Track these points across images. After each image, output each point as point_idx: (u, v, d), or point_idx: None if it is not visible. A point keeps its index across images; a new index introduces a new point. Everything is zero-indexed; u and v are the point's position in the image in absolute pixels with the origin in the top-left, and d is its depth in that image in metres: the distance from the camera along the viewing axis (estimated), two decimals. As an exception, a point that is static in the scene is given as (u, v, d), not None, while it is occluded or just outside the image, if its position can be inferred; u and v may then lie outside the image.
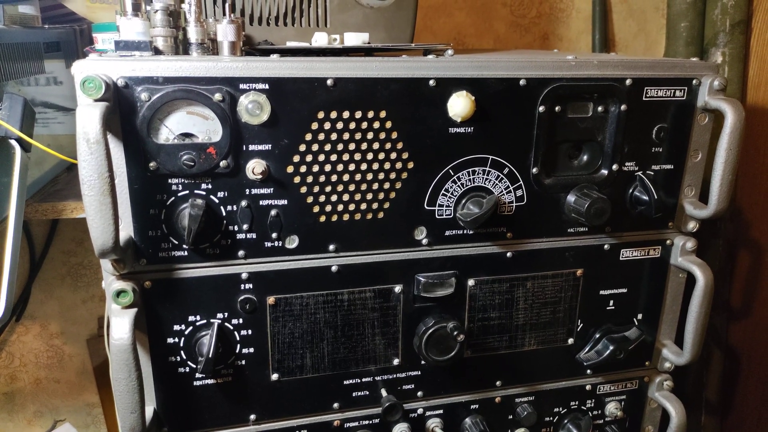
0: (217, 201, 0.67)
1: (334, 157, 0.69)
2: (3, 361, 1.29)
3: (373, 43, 0.79)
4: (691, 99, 0.78)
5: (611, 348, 0.84)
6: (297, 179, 0.68)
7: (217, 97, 0.63)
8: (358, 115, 0.68)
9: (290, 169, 0.68)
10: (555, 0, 1.37)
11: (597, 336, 0.86)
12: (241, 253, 0.69)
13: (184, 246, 0.68)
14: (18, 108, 0.69)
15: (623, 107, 0.75)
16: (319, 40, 0.77)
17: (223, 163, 0.65)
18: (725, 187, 0.76)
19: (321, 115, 0.67)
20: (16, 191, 0.70)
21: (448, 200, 0.74)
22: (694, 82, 0.77)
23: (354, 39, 0.77)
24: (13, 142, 0.69)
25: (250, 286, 0.71)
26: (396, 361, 0.79)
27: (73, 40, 1.02)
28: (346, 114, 0.67)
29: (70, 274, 1.26)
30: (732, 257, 1.43)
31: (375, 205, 0.72)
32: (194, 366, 0.72)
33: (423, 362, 0.80)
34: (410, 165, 0.71)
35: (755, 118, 1.37)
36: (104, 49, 0.76)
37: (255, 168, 0.66)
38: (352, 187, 0.70)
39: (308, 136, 0.67)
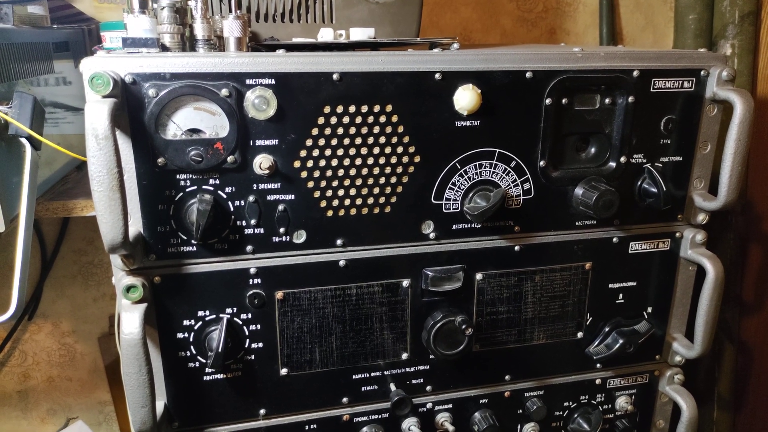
0: (224, 196, 0.67)
1: (340, 152, 0.69)
2: (16, 360, 1.31)
3: (378, 38, 0.79)
4: (700, 90, 0.77)
5: (621, 342, 0.83)
6: (304, 174, 0.69)
7: (224, 92, 0.63)
8: (365, 109, 0.68)
9: (297, 163, 0.68)
10: (562, -6, 1.36)
11: (606, 330, 0.85)
12: (249, 248, 0.70)
13: (193, 241, 0.68)
14: (28, 106, 0.70)
15: (631, 99, 0.75)
16: (325, 35, 0.78)
17: (230, 159, 0.66)
18: (735, 178, 0.75)
19: (327, 109, 0.67)
20: (27, 189, 0.71)
21: (455, 194, 0.74)
22: (702, 73, 0.77)
23: (360, 34, 0.78)
24: (24, 140, 0.70)
25: (259, 280, 0.72)
26: (404, 356, 0.79)
27: (82, 40, 1.03)
28: (352, 108, 0.67)
29: (81, 272, 1.28)
30: (743, 251, 1.42)
31: (382, 200, 0.72)
32: (204, 361, 0.72)
33: (432, 356, 0.80)
34: (417, 159, 0.71)
35: (766, 110, 1.36)
36: (112, 48, 0.76)
37: (262, 163, 0.66)
38: (359, 182, 0.71)
39: (315, 131, 0.67)
